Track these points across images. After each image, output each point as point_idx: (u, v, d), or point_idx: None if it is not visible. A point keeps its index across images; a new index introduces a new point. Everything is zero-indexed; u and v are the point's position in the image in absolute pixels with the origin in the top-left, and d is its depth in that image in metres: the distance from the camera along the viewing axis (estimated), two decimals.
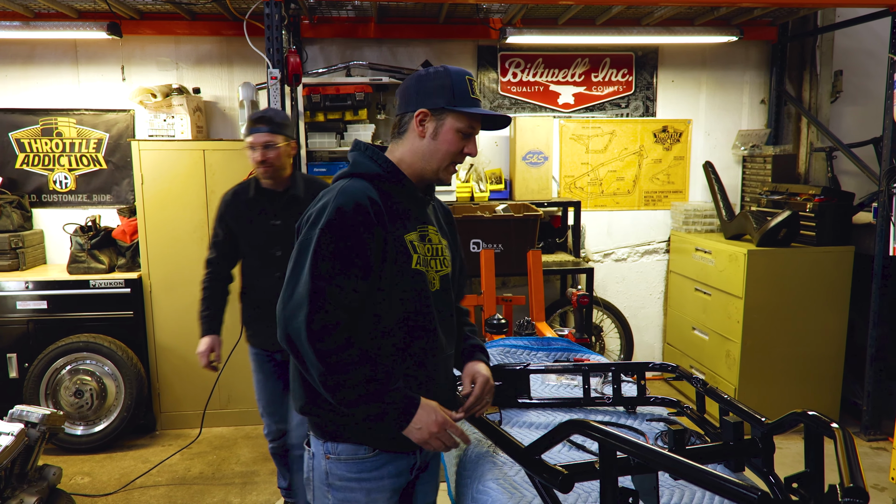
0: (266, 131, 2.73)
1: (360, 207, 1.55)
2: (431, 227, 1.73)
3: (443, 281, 1.72)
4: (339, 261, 1.52)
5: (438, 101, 1.64)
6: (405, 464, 1.68)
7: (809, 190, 4.18)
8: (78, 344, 4.01)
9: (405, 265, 1.61)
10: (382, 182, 1.65)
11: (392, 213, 1.62)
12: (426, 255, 1.68)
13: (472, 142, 1.69)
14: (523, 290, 4.81)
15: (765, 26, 4.85)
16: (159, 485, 3.63)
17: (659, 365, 1.92)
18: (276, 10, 3.48)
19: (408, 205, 1.68)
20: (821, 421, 1.02)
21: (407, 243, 1.63)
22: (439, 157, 1.67)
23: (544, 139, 4.69)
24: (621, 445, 0.98)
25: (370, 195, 1.59)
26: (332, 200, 1.57)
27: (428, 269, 1.67)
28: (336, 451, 1.64)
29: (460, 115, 1.64)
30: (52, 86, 4.54)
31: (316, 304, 1.48)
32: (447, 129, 1.65)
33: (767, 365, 4.10)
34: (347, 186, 1.60)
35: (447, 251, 1.78)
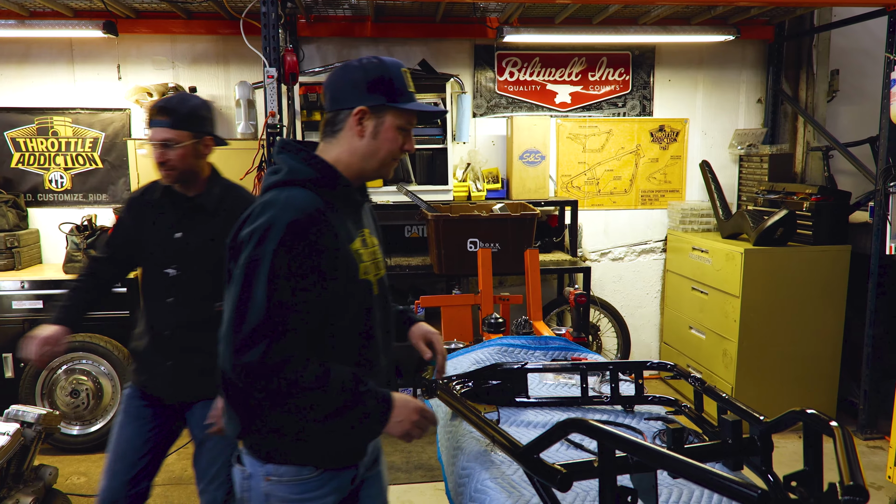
0: (166, 125, 2.20)
1: (314, 220, 1.44)
2: (367, 230, 1.65)
3: (380, 284, 1.66)
4: (298, 283, 1.40)
5: (378, 97, 1.54)
6: (347, 477, 1.62)
7: (806, 189, 4.19)
8: (74, 343, 3.98)
9: (353, 276, 1.53)
10: (320, 188, 1.53)
11: (338, 221, 1.52)
12: (368, 261, 1.60)
13: (410, 137, 1.61)
14: (520, 289, 4.81)
15: (761, 25, 4.86)
16: (155, 484, 3.60)
17: (657, 364, 1.92)
18: (272, 9, 3.47)
19: (347, 210, 1.58)
20: (820, 419, 1.02)
21: (353, 253, 1.54)
22: (381, 157, 1.58)
23: (541, 138, 4.69)
24: (620, 444, 0.98)
25: (318, 206, 1.47)
26: (280, 214, 1.43)
27: (371, 275, 1.60)
28: (278, 472, 1.55)
29: (401, 111, 1.56)
30: (48, 85, 4.52)
31: (276, 335, 1.37)
32: (388, 127, 1.56)
33: (764, 364, 4.11)
34: (292, 197, 1.47)
35: (381, 251, 1.72)
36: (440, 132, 4.57)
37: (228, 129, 4.64)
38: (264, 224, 1.43)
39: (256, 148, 3.79)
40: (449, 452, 1.86)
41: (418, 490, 3.52)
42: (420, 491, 3.52)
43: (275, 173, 1.56)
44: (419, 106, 1.60)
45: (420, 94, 4.53)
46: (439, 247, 3.98)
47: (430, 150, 4.62)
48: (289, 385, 1.38)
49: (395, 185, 4.54)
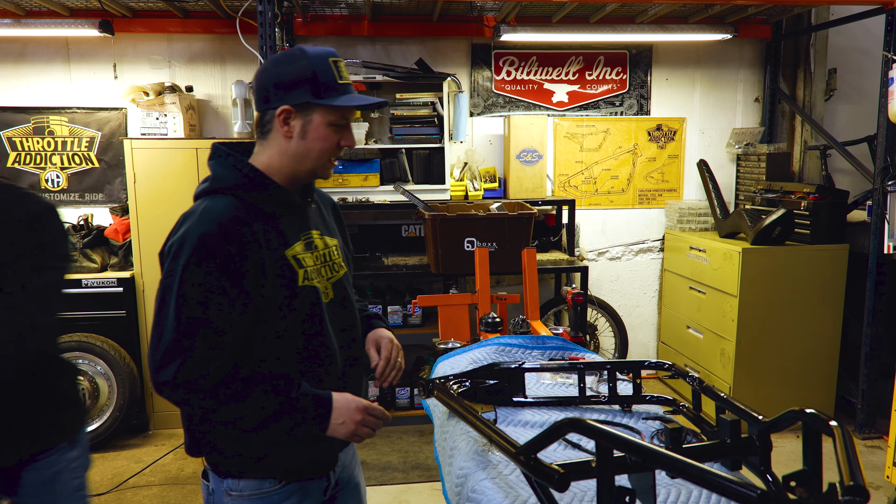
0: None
1: (227, 232, 1.37)
2: (315, 231, 1.57)
3: (336, 288, 1.59)
4: (210, 298, 1.34)
5: (302, 94, 1.44)
6: (317, 488, 1.57)
7: (804, 188, 4.19)
8: (70, 343, 3.98)
9: (291, 284, 1.45)
10: (250, 194, 1.46)
11: (266, 229, 1.44)
12: (314, 265, 1.53)
13: (347, 132, 1.51)
14: (517, 288, 4.80)
15: (759, 24, 4.86)
16: (152, 485, 3.61)
17: (655, 363, 1.91)
18: (269, 8, 3.46)
19: (284, 215, 1.50)
20: (819, 419, 1.01)
21: (289, 259, 1.46)
22: (313, 157, 1.49)
23: (538, 137, 4.68)
24: (617, 444, 0.97)
25: (237, 214, 1.41)
26: (194, 227, 1.38)
27: (319, 279, 1.53)
28: (238, 487, 1.50)
29: (329, 108, 1.45)
30: (44, 84, 4.50)
31: (186, 354, 1.32)
32: (317, 125, 1.46)
33: (762, 363, 4.10)
34: (210, 208, 1.41)
35: (338, 252, 1.64)
36: (437, 131, 4.56)
37: (225, 129, 4.63)
38: (179, 238, 1.39)
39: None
40: (446, 452, 1.85)
41: (415, 490, 3.52)
42: (417, 491, 3.51)
43: (204, 181, 1.51)
44: (348, 101, 1.47)
45: (417, 94, 4.52)
46: (436, 246, 3.97)
47: (427, 149, 4.61)
48: (207, 400, 1.34)
49: (392, 184, 4.53)
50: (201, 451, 1.53)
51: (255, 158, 1.53)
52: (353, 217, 4.76)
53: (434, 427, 2.19)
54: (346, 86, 1.48)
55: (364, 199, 4.52)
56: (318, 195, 1.72)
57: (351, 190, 4.52)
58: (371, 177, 4.55)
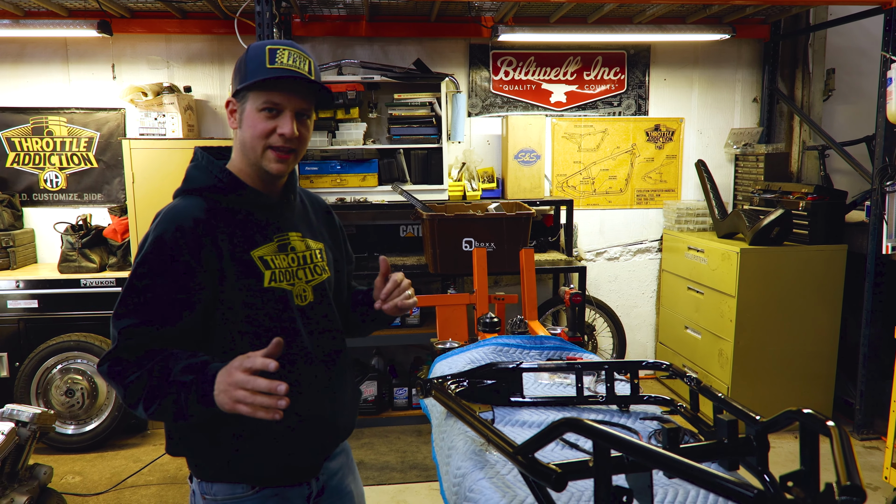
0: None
1: (183, 233, 1.37)
2: (295, 233, 1.54)
3: (318, 291, 1.56)
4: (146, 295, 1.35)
5: (237, 83, 1.44)
6: (296, 495, 1.54)
7: (802, 188, 4.19)
8: (69, 343, 3.98)
9: (254, 285, 1.44)
10: (224, 196, 1.46)
11: (232, 230, 1.43)
12: (288, 267, 1.50)
13: (283, 118, 1.43)
14: (515, 289, 4.81)
15: (757, 24, 4.86)
16: (150, 484, 3.61)
17: (653, 363, 1.91)
18: (266, 8, 3.46)
19: (257, 215, 1.49)
20: (816, 419, 1.01)
21: (255, 260, 1.45)
22: (251, 146, 1.45)
23: (536, 138, 4.68)
24: (615, 444, 0.97)
25: (196, 215, 1.40)
26: (155, 228, 1.40)
27: (294, 281, 1.50)
28: (212, 491, 1.48)
29: (255, 90, 1.42)
30: (43, 84, 4.50)
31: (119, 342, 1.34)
32: (248, 111, 1.44)
33: (760, 364, 4.11)
34: (172, 209, 1.43)
35: (322, 255, 1.61)
36: (435, 132, 4.57)
37: (223, 129, 4.63)
38: (145, 236, 1.42)
39: None
40: (443, 452, 1.86)
41: (413, 490, 3.52)
42: (415, 491, 3.51)
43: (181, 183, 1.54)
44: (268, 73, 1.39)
45: (415, 94, 4.53)
46: (434, 246, 3.97)
47: (425, 149, 4.61)
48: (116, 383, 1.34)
49: (391, 184, 4.54)
50: (176, 450, 1.52)
51: (230, 161, 1.54)
52: (352, 217, 4.76)
53: (432, 427, 2.19)
54: (280, 69, 1.41)
55: (362, 199, 4.52)
56: (307, 198, 1.71)
57: (349, 190, 4.52)
58: (369, 177, 4.55)
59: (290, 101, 1.43)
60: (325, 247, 1.65)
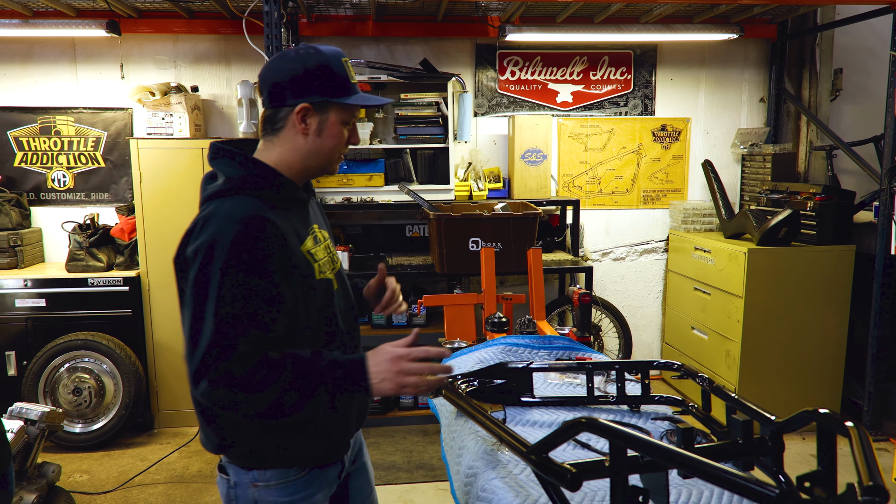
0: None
1: (258, 231, 1.38)
2: (316, 225, 1.61)
3: (339, 279, 1.63)
4: (247, 300, 1.34)
5: (320, 93, 1.47)
6: (334, 473, 1.62)
7: (810, 188, 4.18)
8: (76, 342, 3.99)
9: (310, 278, 1.48)
10: (262, 191, 1.47)
11: (285, 225, 1.45)
12: (324, 257, 1.56)
13: (354, 130, 1.57)
14: (522, 288, 4.80)
15: (764, 24, 4.85)
16: (157, 483, 3.62)
17: (664, 363, 1.91)
18: (275, 8, 3.46)
19: (293, 210, 1.54)
20: (834, 419, 1.01)
21: (305, 255, 1.49)
22: (325, 154, 1.53)
23: (543, 138, 4.68)
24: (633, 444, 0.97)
25: (263, 213, 1.40)
26: (222, 229, 1.36)
27: (329, 271, 1.57)
28: (265, 478, 1.52)
29: (345, 106, 1.50)
30: (51, 84, 4.51)
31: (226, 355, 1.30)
32: (332, 123, 1.50)
33: (767, 365, 4.10)
34: (233, 208, 1.40)
35: (332, 245, 1.69)
36: (442, 131, 4.56)
37: (230, 129, 4.64)
38: (208, 241, 1.36)
39: None
40: (454, 452, 1.85)
41: (420, 490, 3.52)
42: (422, 491, 3.51)
43: (212, 180, 1.50)
44: (364, 100, 1.54)
45: (421, 94, 4.53)
46: (441, 246, 3.97)
47: (432, 149, 4.61)
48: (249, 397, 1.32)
49: (397, 184, 4.53)
50: (223, 445, 1.53)
51: (262, 155, 1.53)
52: (357, 217, 4.76)
53: (441, 426, 2.19)
54: (356, 85, 1.54)
55: (368, 198, 4.52)
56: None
57: (355, 190, 4.52)
58: (375, 177, 4.55)
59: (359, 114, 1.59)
60: (330, 236, 1.72)
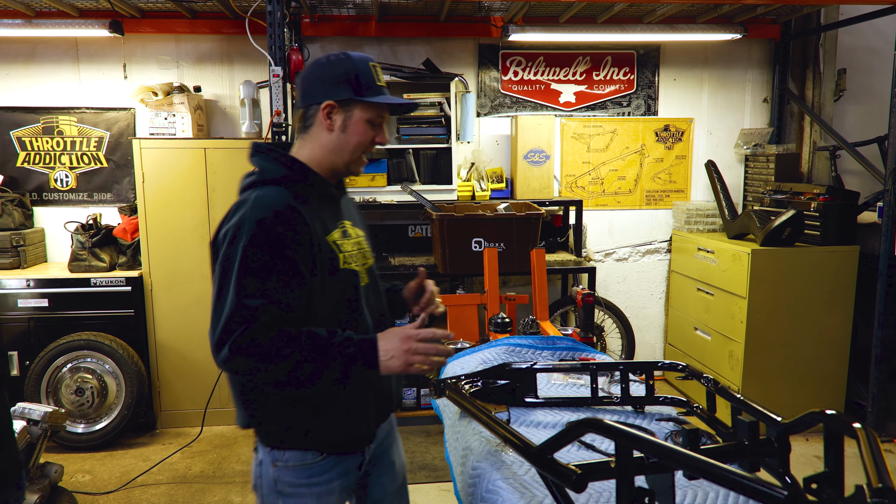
0: None
1: (282, 216, 1.48)
2: (347, 221, 1.70)
3: (369, 273, 1.72)
4: (268, 277, 1.44)
5: (344, 91, 1.57)
6: (353, 463, 1.68)
7: (814, 189, 4.17)
8: (79, 342, 3.99)
9: (334, 266, 1.57)
10: (293, 184, 1.58)
11: (311, 215, 1.55)
12: (352, 251, 1.65)
13: (381, 130, 1.64)
14: (524, 289, 4.80)
15: (767, 24, 4.84)
16: (160, 483, 3.62)
17: (669, 364, 1.90)
18: (277, 8, 3.46)
19: (323, 204, 1.63)
20: (841, 420, 1.00)
21: (331, 244, 1.58)
22: (350, 150, 1.62)
23: (546, 138, 4.67)
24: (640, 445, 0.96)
25: (288, 202, 1.51)
26: (249, 213, 1.47)
27: (356, 264, 1.65)
28: (283, 458, 1.60)
29: (368, 105, 1.59)
30: (54, 84, 4.52)
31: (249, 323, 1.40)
32: (356, 120, 1.60)
33: (771, 365, 4.08)
34: (262, 196, 1.51)
35: (366, 242, 1.77)
36: (444, 132, 4.56)
37: (233, 129, 4.64)
38: (236, 223, 1.48)
39: None
40: (458, 453, 1.85)
41: (423, 490, 3.51)
42: (424, 492, 3.50)
43: (250, 175, 1.63)
44: (386, 99, 1.61)
45: (424, 94, 4.52)
46: (444, 246, 3.97)
47: (434, 149, 4.61)
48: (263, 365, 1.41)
49: (400, 184, 4.53)
50: (251, 422, 1.62)
51: (296, 152, 1.64)
52: None
53: (444, 427, 2.18)
54: (382, 87, 1.63)
55: (371, 199, 4.52)
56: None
57: (358, 190, 4.52)
58: (378, 177, 4.55)
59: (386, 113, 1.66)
60: (365, 235, 1.79)
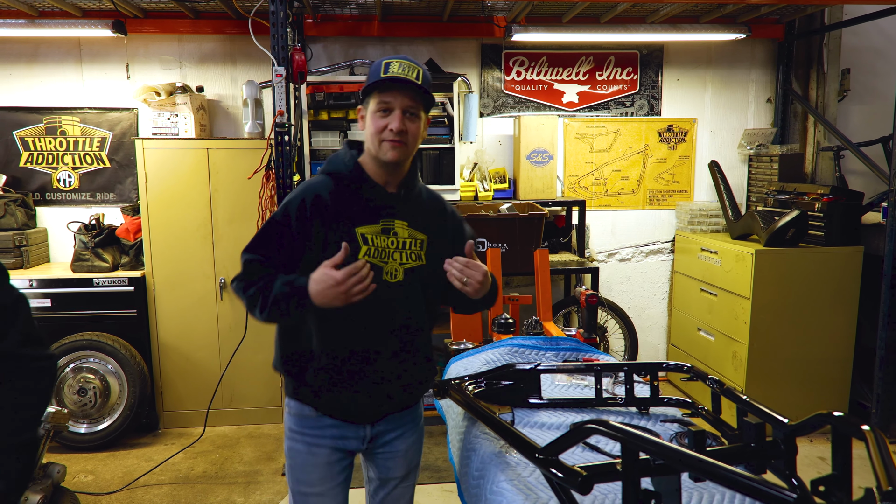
0: None
1: (304, 200, 1.74)
2: (400, 221, 1.79)
3: (409, 274, 1.79)
4: (268, 240, 1.76)
5: (364, 92, 1.78)
6: (351, 432, 1.84)
7: (818, 189, 4.15)
8: (81, 342, 3.99)
9: (353, 254, 1.72)
10: (346, 180, 1.78)
11: (344, 207, 1.75)
12: (387, 247, 1.77)
13: (393, 117, 1.72)
14: (527, 289, 4.78)
15: (771, 24, 4.82)
16: (162, 483, 3.61)
17: (674, 365, 1.89)
18: (280, 8, 3.45)
19: (371, 200, 1.78)
20: (850, 422, 1.00)
21: (357, 235, 1.74)
22: (370, 140, 1.76)
23: (548, 138, 4.66)
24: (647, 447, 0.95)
25: (319, 192, 1.75)
26: (292, 192, 1.80)
27: (388, 260, 1.76)
28: (290, 405, 1.86)
29: (375, 93, 1.73)
30: (57, 84, 4.52)
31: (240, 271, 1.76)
32: (370, 112, 1.76)
33: (774, 366, 4.07)
34: (308, 182, 1.80)
35: (422, 245, 1.82)
36: (447, 132, 4.55)
37: (235, 129, 4.64)
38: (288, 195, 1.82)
39: (264, 147, 3.77)
40: (461, 454, 1.84)
41: (426, 491, 3.50)
42: (427, 492, 3.49)
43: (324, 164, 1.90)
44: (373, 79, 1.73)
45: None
46: None
47: (437, 149, 4.60)
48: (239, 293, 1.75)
49: None
50: (275, 366, 1.89)
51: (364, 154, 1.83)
52: None
53: (448, 428, 2.18)
54: (391, 78, 1.70)
55: None
56: (429, 196, 1.92)
57: None
58: None
59: (398, 100, 1.72)
60: (428, 239, 1.84)
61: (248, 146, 4.10)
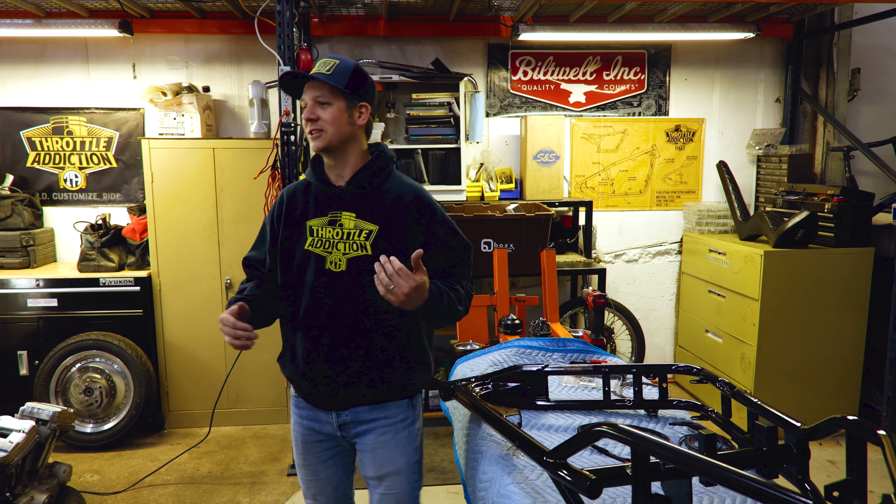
0: None
1: (280, 200, 1.97)
2: (348, 213, 1.87)
3: (352, 263, 1.84)
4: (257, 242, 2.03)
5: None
6: (323, 417, 1.95)
7: (828, 190, 4.12)
8: (88, 342, 3.99)
9: (300, 244, 1.88)
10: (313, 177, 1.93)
11: (305, 202, 1.92)
12: (332, 238, 1.85)
13: (307, 109, 1.86)
14: (534, 290, 4.76)
15: (780, 23, 4.79)
16: (168, 483, 3.61)
17: (684, 367, 1.87)
18: (287, 8, 3.45)
19: (326, 195, 1.90)
20: (864, 426, 0.97)
21: (306, 226, 1.88)
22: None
23: (555, 138, 4.64)
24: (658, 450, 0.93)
25: (294, 189, 1.97)
26: None
27: (332, 250, 1.85)
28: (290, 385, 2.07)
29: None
30: (63, 84, 4.53)
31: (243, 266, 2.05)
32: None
33: (783, 368, 4.03)
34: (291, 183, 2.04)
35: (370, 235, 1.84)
36: (453, 132, 4.53)
37: (241, 129, 4.63)
38: None
39: (270, 147, 3.77)
40: (468, 456, 1.82)
41: (431, 493, 3.48)
42: (433, 494, 3.48)
43: None
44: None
45: (433, 94, 4.51)
46: None
47: (443, 149, 4.58)
48: None
49: None
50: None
51: None
52: None
53: (454, 430, 2.16)
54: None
55: None
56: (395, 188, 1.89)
57: None
58: None
59: (307, 94, 1.86)
60: (378, 230, 1.85)
61: (253, 146, 4.09)
